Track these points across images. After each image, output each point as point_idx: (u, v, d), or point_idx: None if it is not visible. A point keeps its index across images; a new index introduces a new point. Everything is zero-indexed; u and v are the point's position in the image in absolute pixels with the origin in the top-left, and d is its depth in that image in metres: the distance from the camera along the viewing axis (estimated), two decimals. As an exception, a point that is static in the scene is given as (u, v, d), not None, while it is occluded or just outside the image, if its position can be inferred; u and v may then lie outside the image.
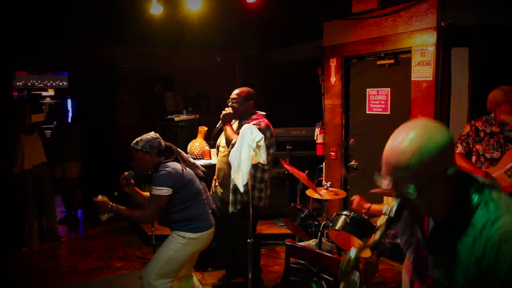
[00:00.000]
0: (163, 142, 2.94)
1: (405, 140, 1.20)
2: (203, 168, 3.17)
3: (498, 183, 1.33)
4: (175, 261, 2.88)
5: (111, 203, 2.86)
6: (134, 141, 2.89)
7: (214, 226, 3.06)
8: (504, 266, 1.14)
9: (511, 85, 3.28)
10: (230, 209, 3.39)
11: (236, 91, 3.60)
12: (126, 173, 3.03)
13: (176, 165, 2.88)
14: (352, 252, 1.27)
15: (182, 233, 2.88)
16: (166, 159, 2.90)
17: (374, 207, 3.14)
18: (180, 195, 2.86)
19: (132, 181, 3.07)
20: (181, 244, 2.88)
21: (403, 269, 1.57)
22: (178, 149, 3.06)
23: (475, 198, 1.21)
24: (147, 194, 3.06)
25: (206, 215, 3.01)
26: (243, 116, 3.56)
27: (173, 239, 2.90)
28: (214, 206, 3.21)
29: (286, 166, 3.60)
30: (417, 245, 1.35)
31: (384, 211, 2.93)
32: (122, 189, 3.06)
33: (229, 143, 3.31)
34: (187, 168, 2.96)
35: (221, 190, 3.60)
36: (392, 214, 1.22)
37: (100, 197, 2.89)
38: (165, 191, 2.79)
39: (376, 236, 1.26)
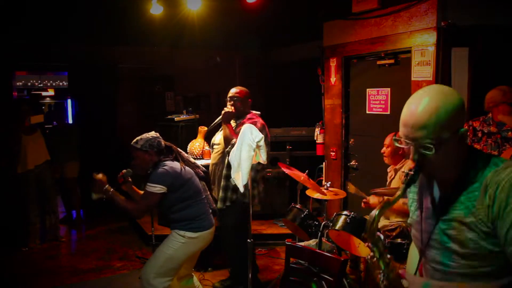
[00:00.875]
0: (163, 142, 2.95)
1: (422, 102, 1.29)
2: (203, 168, 3.18)
3: None
4: (175, 260, 2.88)
5: (107, 185, 2.87)
6: (134, 140, 2.90)
7: (214, 225, 3.05)
8: None
9: (510, 85, 3.29)
10: (219, 205, 3.43)
11: (236, 90, 3.61)
12: (124, 170, 3.04)
13: (174, 164, 2.88)
14: (376, 211, 1.35)
15: (182, 232, 2.88)
16: (165, 158, 2.91)
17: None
18: (178, 194, 2.86)
19: (130, 179, 3.08)
20: (180, 243, 2.87)
21: (412, 244, 1.62)
22: (179, 149, 3.07)
23: (484, 161, 1.30)
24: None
25: (206, 214, 3.01)
26: (240, 115, 3.56)
27: (172, 238, 2.90)
28: (214, 205, 3.21)
29: (284, 169, 3.60)
30: (425, 215, 1.41)
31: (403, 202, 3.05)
32: (119, 186, 3.06)
33: (229, 143, 3.32)
34: (186, 167, 2.96)
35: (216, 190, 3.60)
36: (412, 173, 1.31)
37: (100, 175, 2.91)
38: (158, 188, 2.78)
39: (398, 192, 1.34)
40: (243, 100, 3.57)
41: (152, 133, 2.97)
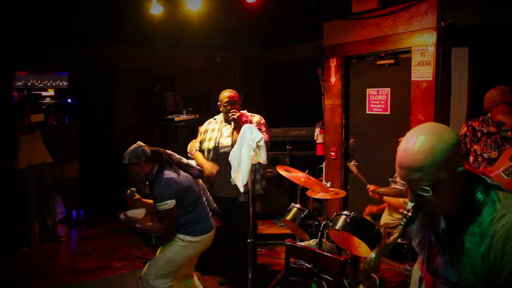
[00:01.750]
0: (147, 148, 2.88)
1: (417, 143, 1.27)
2: (197, 167, 3.14)
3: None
4: (174, 262, 2.88)
5: (133, 221, 2.86)
6: (123, 157, 2.87)
7: (214, 228, 3.05)
8: (510, 262, 1.19)
9: (510, 85, 3.28)
10: (242, 198, 3.49)
11: (232, 94, 3.63)
12: (128, 191, 2.99)
13: (169, 174, 2.83)
14: (373, 253, 1.33)
15: (181, 236, 2.88)
16: (159, 165, 2.87)
17: (386, 197, 3.28)
18: (181, 202, 2.84)
19: (137, 196, 3.04)
20: (180, 246, 2.87)
21: (415, 266, 1.64)
22: (167, 151, 3.00)
23: (482, 197, 1.28)
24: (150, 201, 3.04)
25: (207, 217, 3.00)
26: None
27: (173, 241, 2.90)
28: (215, 205, 3.20)
29: (283, 173, 3.61)
30: (430, 245, 1.41)
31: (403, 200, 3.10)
32: (131, 207, 3.03)
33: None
34: (182, 172, 2.91)
35: (223, 188, 3.59)
36: (410, 214, 1.30)
37: (123, 216, 2.87)
38: (170, 203, 2.76)
39: (395, 235, 1.33)
40: (239, 102, 3.65)
41: (136, 144, 2.93)
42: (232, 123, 3.55)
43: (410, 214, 1.30)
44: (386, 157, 4.23)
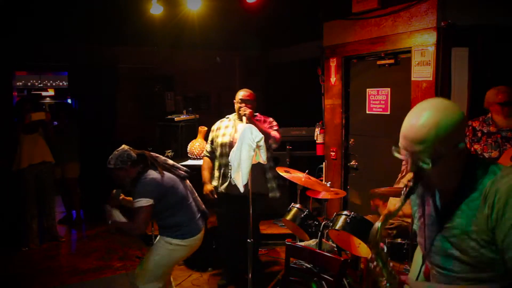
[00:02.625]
0: (133, 152, 2.89)
1: (422, 116, 1.30)
2: (184, 168, 3.13)
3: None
4: (163, 266, 2.90)
5: (113, 215, 2.85)
6: (107, 161, 2.86)
7: (203, 231, 3.03)
8: (511, 217, 1.21)
9: (509, 85, 3.28)
10: (272, 194, 3.77)
11: (245, 93, 3.70)
12: (113, 191, 2.98)
13: (152, 174, 2.83)
14: (379, 223, 1.37)
15: (168, 239, 2.88)
16: (143, 167, 2.87)
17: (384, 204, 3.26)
18: (163, 202, 2.83)
19: (122, 196, 3.04)
20: (168, 250, 2.87)
21: (418, 249, 1.65)
22: (152, 153, 3.00)
23: (482, 172, 1.31)
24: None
25: (194, 220, 2.97)
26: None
27: (160, 245, 2.90)
28: (203, 207, 3.18)
29: (283, 174, 3.61)
30: (428, 221, 1.44)
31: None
32: (116, 207, 3.02)
33: (268, 138, 3.56)
34: (166, 173, 2.91)
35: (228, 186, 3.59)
36: (411, 184, 1.34)
37: (119, 197, 2.93)
38: (144, 201, 2.72)
39: (398, 204, 1.36)
40: (254, 102, 3.72)
41: (121, 148, 2.92)
42: (244, 118, 3.56)
43: (411, 184, 1.34)
44: (386, 157, 4.23)
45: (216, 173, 3.74)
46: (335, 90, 5.01)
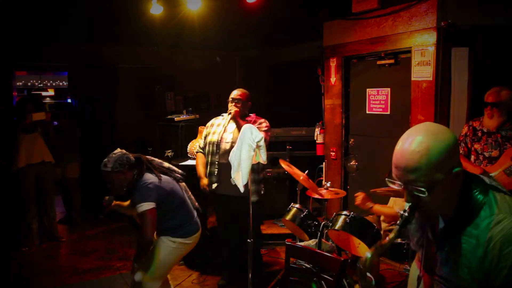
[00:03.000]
0: (131, 156, 2.87)
1: (413, 143, 1.25)
2: (180, 170, 3.15)
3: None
4: (167, 264, 2.94)
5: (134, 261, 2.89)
6: (102, 164, 2.79)
7: (200, 227, 3.08)
8: (506, 267, 1.19)
9: (510, 85, 3.29)
10: (254, 198, 3.47)
11: (237, 92, 3.70)
12: (106, 197, 2.98)
13: (150, 178, 2.82)
14: (369, 253, 1.32)
15: (172, 239, 2.90)
16: (139, 171, 2.85)
17: (377, 207, 3.18)
18: (164, 206, 2.84)
19: (115, 202, 3.06)
20: (172, 248, 2.90)
21: (413, 265, 1.64)
22: (148, 157, 2.99)
23: (480, 198, 1.27)
24: (127, 203, 3.07)
25: (193, 218, 3.04)
26: (242, 117, 3.64)
27: (163, 245, 2.91)
28: (197, 204, 3.22)
29: (284, 166, 3.60)
30: (427, 244, 1.41)
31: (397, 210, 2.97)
32: (109, 212, 3.07)
33: None
34: (164, 176, 2.90)
35: (227, 187, 3.58)
36: (406, 215, 1.29)
37: (112, 203, 2.95)
38: (146, 205, 2.71)
39: (391, 235, 1.31)
40: (244, 102, 3.69)
41: (118, 151, 2.88)
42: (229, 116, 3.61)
43: (406, 214, 1.29)
44: (386, 157, 4.22)
45: (207, 170, 3.76)
46: (335, 90, 5.01)
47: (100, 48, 6.63)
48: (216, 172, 3.65)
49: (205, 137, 3.83)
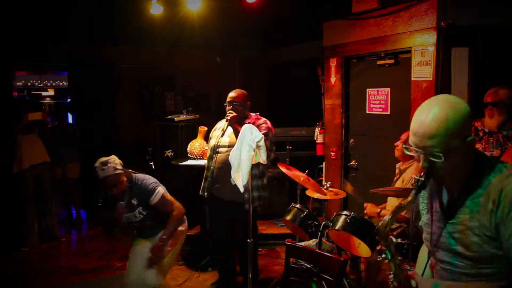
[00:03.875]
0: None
1: (431, 112, 1.34)
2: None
3: None
4: (175, 255, 3.13)
5: (162, 247, 2.92)
6: (101, 170, 2.77)
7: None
8: None
9: (509, 85, 3.29)
10: (256, 204, 3.46)
11: (234, 94, 3.59)
12: (117, 204, 2.96)
13: (140, 175, 2.98)
14: (389, 216, 1.42)
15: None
16: (127, 173, 2.94)
17: (384, 211, 3.25)
18: None
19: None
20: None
21: (423, 247, 1.68)
22: None
23: (489, 167, 1.34)
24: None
25: None
26: (241, 119, 3.54)
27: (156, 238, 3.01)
28: None
29: (284, 170, 3.60)
30: (434, 218, 1.46)
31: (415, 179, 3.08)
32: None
33: None
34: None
35: (222, 191, 3.57)
36: (422, 179, 1.37)
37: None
38: (159, 189, 2.91)
39: (409, 198, 1.39)
40: (243, 103, 3.58)
41: (102, 159, 2.85)
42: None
43: (422, 179, 1.36)
44: (386, 157, 4.23)
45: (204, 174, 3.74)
46: (335, 90, 5.01)
47: (100, 48, 6.62)
48: (210, 177, 3.60)
49: (210, 139, 3.82)
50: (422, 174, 1.38)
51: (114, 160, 2.84)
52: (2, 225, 4.97)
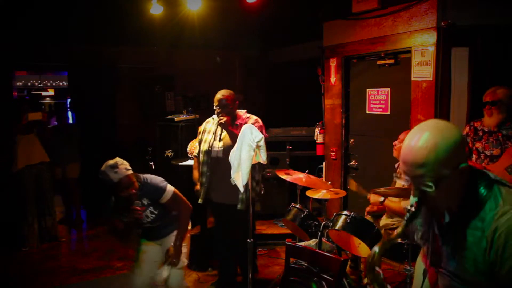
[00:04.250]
0: None
1: (421, 139, 1.28)
2: None
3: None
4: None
5: (177, 246, 2.92)
6: (113, 173, 2.67)
7: None
8: (511, 257, 1.21)
9: (509, 85, 3.30)
10: (241, 206, 3.36)
11: (223, 96, 3.50)
12: (135, 203, 2.84)
13: (148, 175, 2.98)
14: (376, 248, 1.36)
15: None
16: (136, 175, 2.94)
17: (387, 201, 3.26)
18: None
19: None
20: None
21: (418, 260, 1.66)
22: None
23: (485, 192, 1.30)
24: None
25: None
26: (233, 119, 3.51)
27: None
28: None
29: (283, 177, 3.60)
30: (433, 238, 1.44)
31: (404, 206, 3.01)
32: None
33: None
34: None
35: (218, 194, 3.56)
36: (413, 209, 1.33)
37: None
38: (169, 188, 2.93)
39: (399, 229, 1.35)
40: (233, 104, 3.51)
41: (110, 162, 2.77)
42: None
43: (413, 209, 1.32)
44: (386, 157, 4.23)
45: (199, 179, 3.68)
46: (335, 90, 5.01)
47: (100, 48, 6.62)
48: (205, 182, 3.55)
49: (199, 143, 3.68)
50: (413, 203, 1.33)
51: (123, 162, 2.78)
52: (2, 225, 4.97)
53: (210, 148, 3.52)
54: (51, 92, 11.82)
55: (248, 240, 3.00)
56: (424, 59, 3.85)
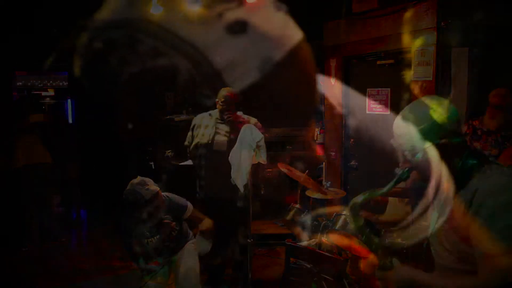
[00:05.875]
0: None
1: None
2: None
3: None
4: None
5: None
6: (145, 191, 2.61)
7: None
8: (484, 217, 1.24)
9: (507, 86, 3.30)
10: (241, 203, 3.42)
11: (228, 93, 3.51)
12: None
13: (165, 193, 2.96)
14: (362, 196, 1.49)
15: (192, 241, 3.15)
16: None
17: (382, 218, 3.32)
18: None
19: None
20: (194, 248, 3.15)
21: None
22: None
23: (473, 167, 1.34)
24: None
25: None
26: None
27: (191, 250, 3.08)
28: None
29: (284, 170, 3.60)
30: (431, 211, 1.49)
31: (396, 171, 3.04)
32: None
33: None
34: None
35: (215, 190, 3.56)
36: (402, 173, 1.43)
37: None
38: (189, 204, 3.06)
39: (385, 188, 1.45)
40: (236, 103, 3.56)
41: (137, 179, 2.73)
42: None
43: (403, 170, 1.42)
44: (386, 157, 4.23)
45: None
46: (335, 90, 5.01)
47: (100, 48, 6.62)
48: (203, 176, 3.57)
49: (192, 137, 3.67)
50: (403, 164, 1.43)
51: (148, 179, 2.72)
52: (2, 225, 4.97)
53: (210, 142, 3.51)
54: (51, 92, 11.80)
55: (248, 240, 3.00)
56: (424, 59, 3.85)
